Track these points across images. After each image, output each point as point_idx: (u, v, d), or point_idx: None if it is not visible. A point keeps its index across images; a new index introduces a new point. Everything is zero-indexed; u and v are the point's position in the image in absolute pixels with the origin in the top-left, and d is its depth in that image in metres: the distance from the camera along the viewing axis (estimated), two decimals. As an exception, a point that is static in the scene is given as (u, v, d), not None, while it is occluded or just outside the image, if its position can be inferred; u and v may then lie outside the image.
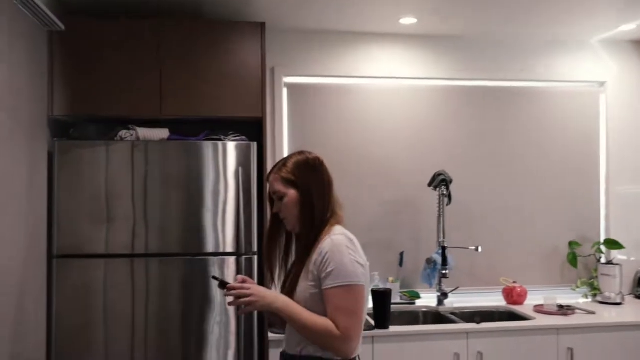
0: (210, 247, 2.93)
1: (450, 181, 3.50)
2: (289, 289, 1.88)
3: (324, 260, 1.80)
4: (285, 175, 1.91)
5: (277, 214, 1.95)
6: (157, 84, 3.00)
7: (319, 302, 1.81)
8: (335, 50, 3.65)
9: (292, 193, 1.90)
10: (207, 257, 2.93)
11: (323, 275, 1.79)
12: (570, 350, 3.09)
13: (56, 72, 2.93)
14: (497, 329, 3.09)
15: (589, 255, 3.78)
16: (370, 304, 1.91)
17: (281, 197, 1.90)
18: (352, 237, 1.87)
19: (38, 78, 2.80)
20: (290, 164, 1.93)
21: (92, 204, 2.87)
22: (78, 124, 3.20)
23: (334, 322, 1.76)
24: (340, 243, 1.81)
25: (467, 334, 3.04)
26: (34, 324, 2.72)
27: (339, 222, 1.91)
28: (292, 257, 2.00)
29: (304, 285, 1.84)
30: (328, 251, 1.80)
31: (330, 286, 1.77)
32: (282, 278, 1.97)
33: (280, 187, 1.90)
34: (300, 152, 1.97)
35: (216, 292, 2.90)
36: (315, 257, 1.83)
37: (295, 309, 1.81)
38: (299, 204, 1.89)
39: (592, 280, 3.72)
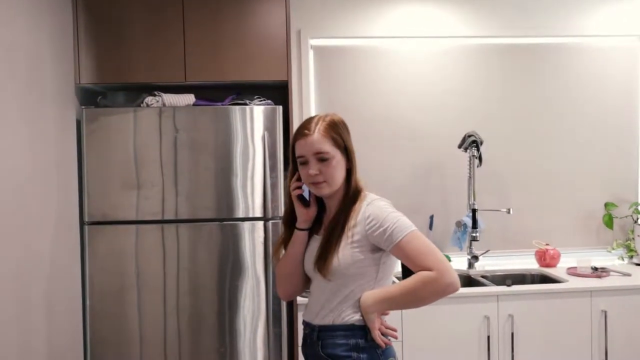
0: (239, 212, 2.94)
1: (481, 142, 3.43)
2: (325, 258, 1.81)
3: (375, 225, 1.77)
4: (334, 135, 1.82)
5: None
6: (181, 50, 2.98)
7: (366, 267, 1.80)
8: (363, 10, 3.56)
9: (338, 154, 1.82)
10: (236, 222, 2.95)
11: (384, 237, 1.75)
12: (604, 312, 3.04)
13: (81, 40, 2.94)
14: (528, 292, 3.06)
15: (626, 217, 3.68)
16: (400, 267, 1.88)
17: (325, 159, 1.80)
18: (386, 199, 1.87)
19: (63, 46, 2.82)
20: (332, 124, 1.83)
21: (121, 171, 2.90)
22: (105, 92, 3.22)
23: (421, 268, 1.73)
24: (381, 205, 1.81)
25: (498, 296, 3.01)
26: (68, 290, 2.79)
27: (364, 188, 1.89)
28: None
29: (347, 252, 1.79)
30: (375, 217, 1.78)
31: (398, 240, 1.74)
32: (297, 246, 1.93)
33: (328, 147, 1.80)
34: (327, 114, 1.89)
35: (247, 256, 2.93)
36: (357, 223, 1.80)
37: (388, 293, 1.80)
38: (344, 167, 1.85)
39: (628, 242, 3.63)
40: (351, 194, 1.85)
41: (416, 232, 1.77)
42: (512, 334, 2.99)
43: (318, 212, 1.93)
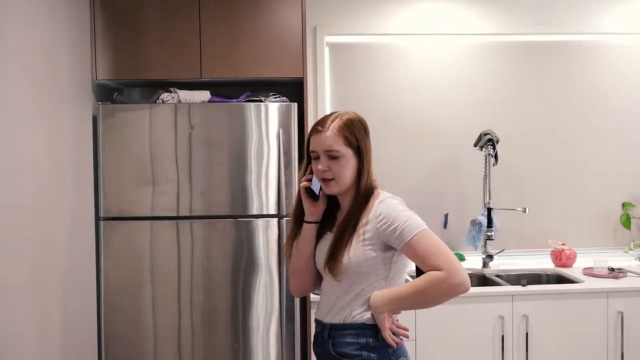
0: (253, 209, 2.95)
1: (497, 141, 3.40)
2: (336, 257, 1.81)
3: (386, 223, 1.77)
4: (347, 135, 1.81)
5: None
6: (197, 46, 2.98)
7: (377, 265, 1.80)
8: (379, 7, 3.55)
9: (350, 153, 1.82)
10: (250, 219, 2.95)
11: (395, 235, 1.76)
12: (621, 314, 3.00)
13: (98, 36, 2.95)
14: (544, 292, 3.04)
15: (644, 217, 3.64)
16: (414, 266, 1.87)
17: (335, 157, 1.81)
18: (399, 198, 1.87)
19: (80, 43, 2.83)
20: (347, 123, 1.83)
21: (136, 167, 2.91)
22: (121, 88, 3.23)
23: (431, 267, 1.72)
24: (393, 203, 1.81)
25: (512, 296, 2.99)
26: (83, 285, 2.81)
27: (377, 187, 1.89)
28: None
29: (359, 250, 1.79)
30: (386, 215, 1.78)
31: (408, 239, 1.74)
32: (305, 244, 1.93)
33: (340, 146, 1.80)
34: (347, 112, 1.88)
35: (261, 253, 2.93)
36: (369, 221, 1.80)
37: (398, 293, 1.79)
38: (356, 165, 1.84)
39: (646, 242, 3.59)
40: (363, 192, 1.85)
41: (427, 231, 1.76)
42: (527, 335, 2.97)
43: (332, 209, 1.93)
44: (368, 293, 1.81)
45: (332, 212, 1.94)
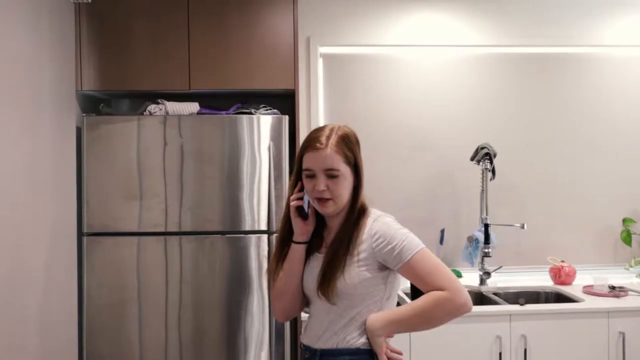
0: (245, 225, 2.86)
1: (495, 155, 3.32)
2: (329, 280, 1.71)
3: (383, 242, 1.70)
4: (347, 152, 1.73)
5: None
6: (185, 57, 2.91)
7: (373, 286, 1.72)
8: (374, 18, 3.48)
9: (348, 172, 1.74)
10: (241, 235, 2.86)
11: (392, 255, 1.69)
12: (622, 334, 2.91)
13: (84, 46, 2.88)
14: (543, 311, 2.95)
15: (645, 233, 3.56)
16: (409, 283, 1.79)
17: (335, 176, 1.71)
18: (391, 215, 1.80)
19: (65, 52, 2.75)
20: (344, 139, 1.74)
21: (123, 181, 2.82)
22: (107, 100, 3.15)
23: (433, 288, 1.66)
24: (388, 222, 1.75)
25: (510, 315, 2.90)
26: (64, 304, 2.71)
27: (368, 204, 1.81)
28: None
29: (354, 272, 1.71)
30: (382, 233, 1.71)
31: (407, 258, 1.67)
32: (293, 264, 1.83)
33: (340, 165, 1.71)
34: (340, 126, 1.79)
35: (252, 270, 2.84)
36: (363, 240, 1.72)
37: (397, 314, 1.72)
38: (352, 184, 1.76)
39: (647, 259, 3.51)
40: (356, 211, 1.77)
41: (425, 250, 1.70)
42: (525, 356, 2.87)
43: (318, 228, 1.84)
44: (364, 316, 1.73)
45: (318, 231, 1.85)
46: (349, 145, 1.75)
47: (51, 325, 2.54)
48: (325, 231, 1.84)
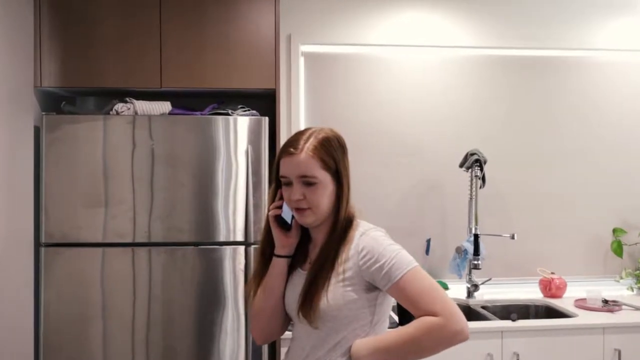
0: (220, 236, 2.65)
1: (485, 161, 3.17)
2: (311, 300, 1.54)
3: (370, 260, 1.51)
4: (325, 157, 1.56)
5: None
6: (157, 52, 2.71)
7: (360, 309, 1.54)
8: (359, 16, 3.30)
9: (327, 179, 1.57)
10: (216, 247, 2.65)
11: (381, 274, 1.50)
12: (618, 351, 2.78)
13: (44, 38, 2.66)
14: (536, 327, 2.81)
15: (636, 244, 3.45)
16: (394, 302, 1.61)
17: (311, 183, 1.56)
18: (382, 229, 1.62)
19: (22, 44, 2.52)
20: (324, 142, 1.58)
21: (86, 186, 2.60)
22: (71, 98, 2.91)
23: (425, 312, 1.47)
24: (377, 236, 1.57)
25: (502, 332, 2.75)
26: (19, 320, 2.48)
27: (357, 216, 1.63)
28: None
29: (339, 292, 1.53)
30: (370, 250, 1.53)
31: (397, 278, 1.49)
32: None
33: (316, 170, 1.55)
34: (322, 129, 1.62)
35: (227, 285, 2.63)
36: (349, 258, 1.54)
37: (385, 341, 1.52)
38: (334, 192, 1.59)
39: (638, 271, 3.39)
40: (341, 223, 1.59)
41: (418, 269, 1.52)
42: (518, 375, 2.72)
43: (303, 241, 1.66)
44: (349, 342, 1.55)
45: (303, 245, 1.67)
46: (328, 150, 1.58)
47: (4, 344, 2.31)
48: (310, 244, 1.67)
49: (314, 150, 1.55)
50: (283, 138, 3.15)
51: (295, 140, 1.59)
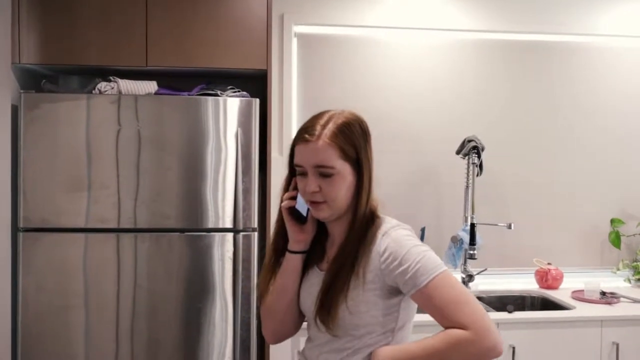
0: (208, 222, 2.55)
1: (482, 148, 3.08)
2: (330, 306, 1.41)
3: (394, 262, 1.37)
4: (344, 145, 1.42)
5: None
6: (142, 30, 2.59)
7: (383, 315, 1.42)
8: (353, -5, 3.19)
9: (347, 169, 1.43)
10: (204, 234, 2.55)
11: (404, 278, 1.36)
12: (616, 345, 2.71)
13: (23, 12, 2.53)
14: (533, 320, 2.74)
15: (634, 235, 3.38)
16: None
17: (328, 174, 1.41)
18: (407, 226, 1.48)
19: None
20: (344, 128, 1.43)
21: (67, 168, 2.48)
22: (53, 76, 2.78)
23: (453, 324, 1.33)
24: (401, 235, 1.42)
25: (498, 324, 2.66)
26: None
27: (379, 210, 1.49)
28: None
29: (359, 297, 1.40)
30: (393, 251, 1.38)
31: (422, 284, 1.35)
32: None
33: (334, 160, 1.40)
34: (342, 112, 1.47)
35: (215, 274, 2.53)
36: (370, 259, 1.41)
37: (408, 352, 1.38)
38: (353, 185, 1.45)
39: (635, 262, 3.33)
40: (361, 219, 1.44)
41: (446, 274, 1.37)
42: (514, 368, 2.65)
43: (319, 236, 1.53)
44: (370, 349, 1.43)
45: (320, 240, 1.54)
46: (349, 136, 1.42)
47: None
48: (327, 241, 1.53)
49: (332, 137, 1.40)
50: (274, 121, 3.04)
51: (311, 125, 1.43)
